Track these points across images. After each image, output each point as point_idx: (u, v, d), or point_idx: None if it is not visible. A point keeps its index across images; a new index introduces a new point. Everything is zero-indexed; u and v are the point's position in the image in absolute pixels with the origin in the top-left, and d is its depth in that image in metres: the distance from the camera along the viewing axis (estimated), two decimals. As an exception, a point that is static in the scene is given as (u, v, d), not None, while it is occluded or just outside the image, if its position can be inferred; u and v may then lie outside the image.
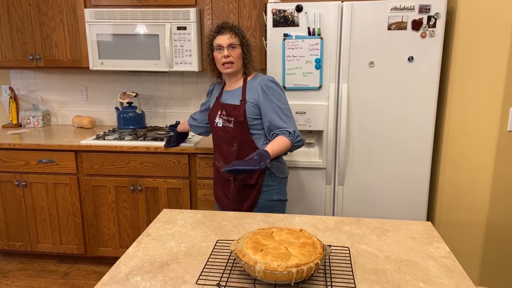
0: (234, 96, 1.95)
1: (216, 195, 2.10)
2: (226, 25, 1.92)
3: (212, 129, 2.04)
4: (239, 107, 1.90)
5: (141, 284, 1.07)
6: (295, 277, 1.00)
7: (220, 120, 1.96)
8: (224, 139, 1.96)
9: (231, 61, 1.89)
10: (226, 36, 1.88)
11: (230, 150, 1.95)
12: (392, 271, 1.13)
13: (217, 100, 2.02)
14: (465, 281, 1.09)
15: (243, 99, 1.90)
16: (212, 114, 2.02)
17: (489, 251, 2.32)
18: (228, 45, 1.88)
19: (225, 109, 1.94)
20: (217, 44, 1.89)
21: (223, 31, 1.90)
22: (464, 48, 2.18)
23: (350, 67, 2.27)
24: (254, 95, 1.90)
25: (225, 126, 1.94)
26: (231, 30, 1.90)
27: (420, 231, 1.39)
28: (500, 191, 2.24)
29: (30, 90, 3.30)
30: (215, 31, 1.92)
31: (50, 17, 2.80)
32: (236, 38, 1.89)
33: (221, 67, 1.92)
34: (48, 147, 2.66)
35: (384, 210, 2.41)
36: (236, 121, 1.90)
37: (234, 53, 1.89)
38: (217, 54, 1.90)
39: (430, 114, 2.27)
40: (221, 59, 1.89)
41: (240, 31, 1.93)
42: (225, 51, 1.88)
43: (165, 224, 1.46)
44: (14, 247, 2.87)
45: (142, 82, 3.16)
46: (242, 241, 1.14)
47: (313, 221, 1.47)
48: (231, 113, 1.92)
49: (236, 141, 1.93)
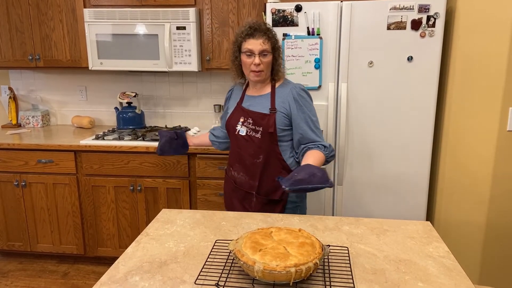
0: (261, 103, 1.76)
1: (231, 206, 1.93)
2: (260, 27, 1.70)
3: (232, 137, 1.85)
4: (269, 117, 1.72)
5: (139, 284, 1.07)
6: (293, 277, 1.00)
7: (243, 128, 1.77)
8: (247, 150, 1.78)
9: (262, 69, 1.70)
10: (259, 42, 1.68)
11: (255, 161, 1.77)
12: (391, 270, 1.13)
13: (239, 106, 1.82)
14: (464, 280, 1.08)
15: (273, 108, 1.73)
16: (233, 121, 1.82)
17: (489, 251, 2.32)
18: (260, 52, 1.68)
19: (252, 117, 1.75)
20: (248, 49, 1.69)
21: (256, 35, 1.69)
22: (464, 47, 2.18)
23: (350, 67, 2.27)
24: (285, 104, 1.73)
25: (250, 135, 1.76)
26: (264, 34, 1.69)
27: (419, 231, 1.39)
28: (499, 190, 2.24)
29: (29, 90, 3.30)
30: (246, 33, 1.70)
31: (49, 17, 2.80)
32: (269, 43, 1.70)
33: (249, 74, 1.74)
34: (48, 147, 2.66)
35: (384, 210, 2.41)
36: (265, 132, 1.72)
37: (265, 60, 1.70)
38: (246, 59, 1.71)
39: (429, 114, 2.27)
40: (250, 65, 1.71)
41: (273, 35, 1.74)
42: (257, 58, 1.68)
43: (164, 224, 1.46)
44: (13, 247, 2.87)
45: (142, 82, 3.16)
46: (241, 241, 1.14)
47: (312, 221, 1.47)
48: (259, 123, 1.73)
49: (262, 153, 1.76)
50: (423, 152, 2.31)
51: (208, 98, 3.12)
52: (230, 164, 1.90)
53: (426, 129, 2.28)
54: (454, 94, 2.25)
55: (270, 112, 1.73)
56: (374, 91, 2.28)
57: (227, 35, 2.70)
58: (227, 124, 1.85)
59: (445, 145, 2.32)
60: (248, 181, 1.80)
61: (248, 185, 1.80)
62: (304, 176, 1.44)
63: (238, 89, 1.90)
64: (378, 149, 2.35)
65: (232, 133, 1.82)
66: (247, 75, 1.76)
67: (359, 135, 2.34)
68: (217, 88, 3.09)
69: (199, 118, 3.16)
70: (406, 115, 2.29)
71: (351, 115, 2.33)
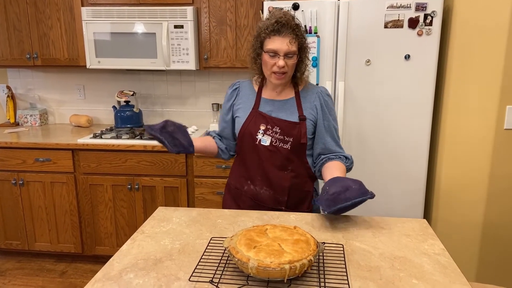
0: (286, 109, 1.58)
1: None
2: (288, 22, 1.47)
3: (247, 146, 1.61)
4: (300, 126, 1.55)
5: (134, 281, 1.07)
6: (288, 274, 1.00)
7: (266, 138, 1.57)
8: (272, 161, 1.58)
9: (285, 71, 1.50)
10: (286, 41, 1.46)
11: (283, 174, 1.60)
12: (385, 268, 1.13)
13: (256, 110, 1.59)
14: (459, 278, 1.08)
15: (302, 116, 1.56)
16: (251, 128, 1.59)
17: (486, 250, 2.32)
18: (286, 53, 1.47)
19: (279, 126, 1.56)
20: (272, 49, 1.48)
21: (283, 32, 1.46)
22: (461, 46, 2.18)
23: (347, 65, 2.27)
24: (313, 110, 1.58)
25: (276, 146, 1.56)
26: (293, 32, 1.47)
27: (415, 229, 1.39)
28: (496, 189, 2.24)
29: (27, 89, 3.30)
30: (272, 29, 1.47)
31: (47, 15, 2.80)
32: (296, 43, 1.48)
33: (270, 75, 1.53)
34: (45, 146, 2.66)
35: (381, 208, 2.41)
36: (296, 143, 1.56)
37: (290, 63, 1.50)
38: (269, 59, 1.49)
39: (426, 112, 2.27)
40: (272, 66, 1.50)
41: (302, 33, 1.52)
42: (281, 61, 1.47)
43: (160, 221, 1.45)
44: (11, 246, 2.87)
45: (140, 81, 3.16)
46: (236, 238, 1.13)
47: (308, 218, 1.47)
48: (289, 133, 1.55)
49: (292, 165, 1.60)
50: (421, 150, 2.31)
51: (206, 97, 3.12)
52: (247, 177, 1.65)
53: (424, 127, 2.28)
54: (451, 92, 2.25)
55: (300, 120, 1.56)
56: (371, 89, 2.28)
57: (224, 33, 2.70)
58: (243, 132, 1.60)
59: (442, 143, 2.32)
60: (274, 195, 1.61)
61: (275, 200, 1.62)
62: (337, 189, 1.34)
63: (248, 88, 1.66)
64: (375, 147, 2.35)
65: (250, 142, 1.59)
66: (267, 76, 1.55)
67: (356, 133, 2.34)
68: (215, 87, 3.09)
69: (197, 117, 3.16)
70: (404, 114, 2.28)
71: (348, 114, 2.33)
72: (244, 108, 1.63)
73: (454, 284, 1.05)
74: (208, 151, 1.70)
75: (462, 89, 2.22)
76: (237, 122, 1.64)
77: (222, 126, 1.71)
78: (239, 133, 1.62)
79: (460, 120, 2.25)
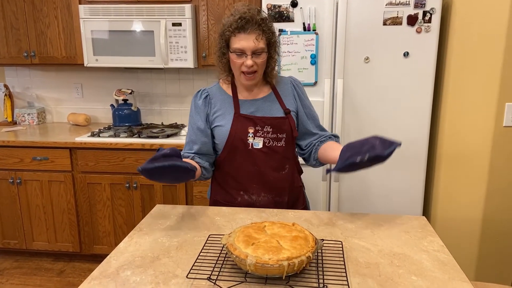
0: (268, 106, 1.52)
1: None
2: (253, 18, 1.38)
3: (239, 154, 1.50)
4: (289, 119, 1.51)
5: (131, 279, 1.06)
6: (286, 270, 0.99)
7: (258, 140, 1.48)
8: (269, 164, 1.51)
9: (254, 70, 1.42)
10: (252, 37, 1.38)
11: (281, 175, 1.53)
12: (385, 264, 1.12)
13: (238, 114, 1.49)
14: (459, 274, 1.08)
15: (287, 109, 1.52)
16: (239, 134, 1.48)
17: (485, 247, 2.31)
18: (253, 51, 1.39)
19: (270, 124, 1.48)
20: (238, 48, 1.39)
21: (248, 28, 1.37)
22: (460, 43, 2.17)
23: (346, 62, 2.26)
24: (293, 101, 1.55)
25: (269, 146, 1.49)
26: (258, 27, 1.38)
27: (414, 226, 1.38)
28: (496, 186, 2.23)
29: (25, 88, 3.28)
30: (235, 27, 1.38)
31: (44, 13, 2.79)
32: (263, 39, 1.40)
33: (239, 75, 1.46)
34: (43, 145, 2.64)
35: (380, 206, 2.40)
36: (289, 137, 1.51)
37: (259, 61, 1.42)
38: (236, 58, 1.41)
39: (425, 109, 2.26)
40: (241, 66, 1.42)
41: (269, 27, 1.43)
42: (249, 60, 1.39)
43: (157, 219, 1.45)
44: (9, 245, 2.86)
45: (138, 79, 3.15)
46: (234, 235, 1.13)
47: (307, 216, 1.46)
48: (281, 128, 1.49)
49: (288, 162, 1.55)
50: (420, 147, 2.30)
51: (205, 95, 3.10)
52: (240, 189, 1.55)
53: (423, 124, 2.28)
54: (450, 89, 2.24)
55: (286, 113, 1.51)
56: (370, 87, 2.28)
57: (223, 31, 2.68)
58: (231, 140, 1.49)
59: (441, 140, 2.31)
60: (274, 199, 1.55)
61: (274, 204, 1.56)
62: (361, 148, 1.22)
63: (219, 93, 1.56)
64: (375, 145, 2.34)
65: (241, 149, 1.49)
66: (237, 76, 1.48)
67: (355, 131, 2.34)
68: (213, 85, 3.08)
69: (195, 115, 3.15)
70: (402, 111, 2.28)
71: (347, 111, 2.32)
72: (224, 114, 1.51)
73: (453, 280, 1.05)
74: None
75: (461, 87, 2.21)
76: (219, 132, 1.51)
77: (201, 142, 1.52)
78: (226, 142, 1.49)
79: (459, 117, 2.24)
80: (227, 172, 1.56)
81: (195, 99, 1.57)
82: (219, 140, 1.52)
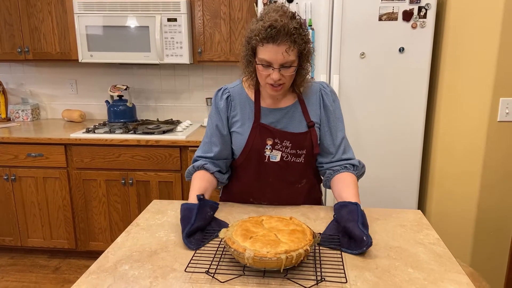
0: (290, 118, 1.40)
1: None
2: (284, 27, 1.20)
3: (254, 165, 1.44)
4: (311, 134, 1.40)
5: (129, 273, 1.06)
6: (284, 264, 1.00)
7: (276, 153, 1.39)
8: (284, 178, 1.44)
9: (282, 83, 1.29)
10: (281, 50, 1.22)
11: (296, 188, 1.48)
12: (381, 257, 1.13)
13: (258, 123, 1.39)
14: (454, 266, 1.09)
15: (310, 121, 1.40)
16: (256, 145, 1.39)
17: (479, 240, 2.34)
18: (282, 64, 1.25)
19: (289, 139, 1.39)
20: (265, 60, 1.25)
21: (278, 39, 1.21)
22: (455, 38, 2.18)
23: (341, 58, 2.27)
24: (317, 111, 1.42)
25: (287, 161, 1.41)
26: (289, 38, 1.21)
27: (409, 219, 1.39)
28: (490, 180, 2.26)
29: (19, 84, 3.26)
30: (264, 36, 1.21)
31: (38, 8, 2.76)
32: (294, 50, 1.24)
33: (265, 85, 1.32)
34: (37, 141, 2.63)
35: (375, 201, 2.41)
36: (309, 154, 1.42)
37: (287, 73, 1.27)
38: (262, 70, 1.27)
39: (421, 105, 2.27)
40: (266, 78, 1.28)
41: (303, 37, 1.26)
42: (275, 73, 1.25)
43: (154, 214, 1.44)
44: (4, 242, 2.84)
45: (133, 75, 3.13)
46: (232, 228, 1.13)
47: (303, 210, 1.47)
48: (301, 145, 1.39)
49: (306, 177, 1.48)
50: (414, 142, 2.31)
51: (200, 92, 3.10)
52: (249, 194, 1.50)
53: (418, 119, 2.29)
54: (445, 85, 2.25)
55: (309, 127, 1.39)
56: (366, 82, 2.28)
57: (218, 27, 2.68)
58: (248, 149, 1.41)
59: (436, 135, 2.33)
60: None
61: None
62: (340, 231, 1.22)
63: (241, 96, 1.43)
64: (370, 139, 2.35)
65: (257, 160, 1.42)
66: (263, 85, 1.34)
67: (351, 126, 2.34)
68: (209, 81, 3.08)
69: (191, 111, 3.14)
70: (398, 106, 2.29)
71: (343, 106, 2.32)
72: (242, 121, 1.41)
73: (449, 272, 1.06)
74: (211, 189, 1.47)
75: (456, 82, 2.22)
76: (236, 139, 1.43)
77: (220, 147, 1.44)
78: (242, 151, 1.42)
79: (454, 112, 2.25)
80: (238, 177, 1.52)
81: (215, 99, 1.45)
82: (235, 146, 1.45)
